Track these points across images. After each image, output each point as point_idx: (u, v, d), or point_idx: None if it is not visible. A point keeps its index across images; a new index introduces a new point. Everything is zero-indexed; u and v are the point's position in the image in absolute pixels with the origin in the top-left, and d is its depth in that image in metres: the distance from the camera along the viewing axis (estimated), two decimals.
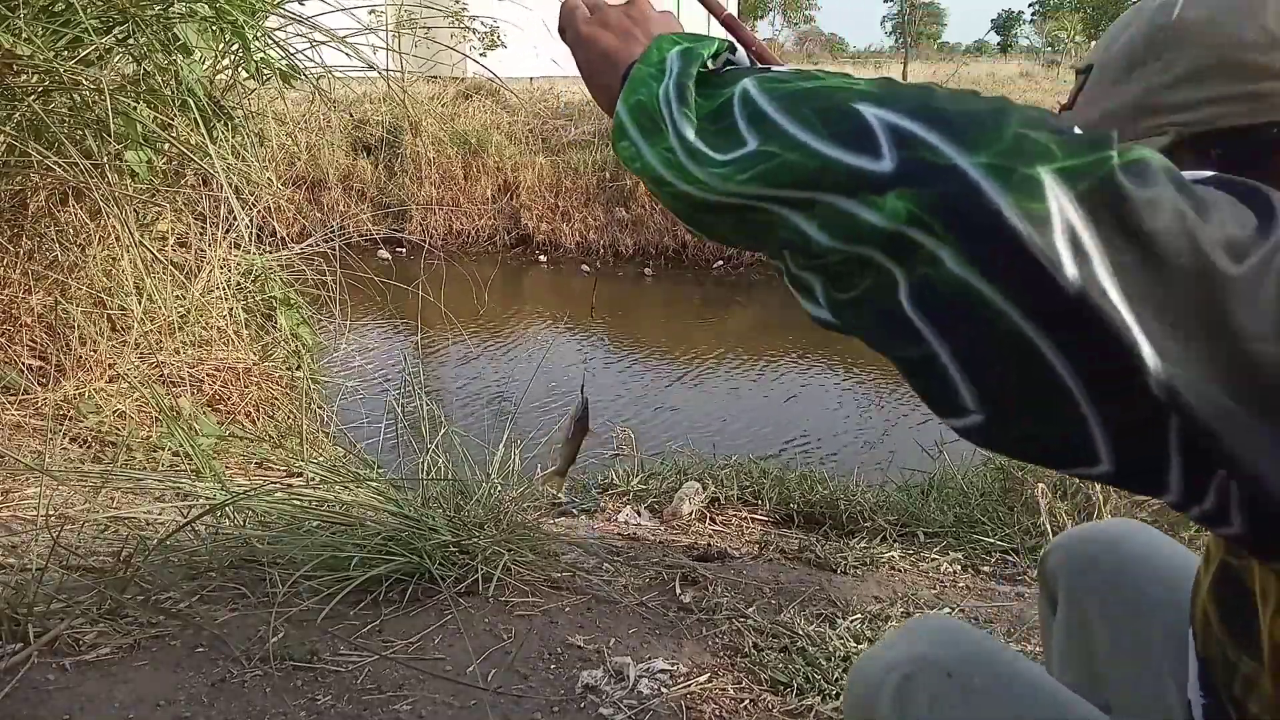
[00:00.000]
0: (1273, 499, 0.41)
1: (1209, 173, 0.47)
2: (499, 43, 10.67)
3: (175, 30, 2.86)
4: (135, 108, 2.92)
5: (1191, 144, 0.58)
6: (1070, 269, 0.41)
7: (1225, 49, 0.56)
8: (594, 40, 0.67)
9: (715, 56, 0.62)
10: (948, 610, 2.25)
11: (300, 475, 3.05)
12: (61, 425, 2.95)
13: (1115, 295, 0.41)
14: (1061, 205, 0.42)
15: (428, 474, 2.65)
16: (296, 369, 3.81)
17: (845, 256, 0.48)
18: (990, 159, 0.43)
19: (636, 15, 0.69)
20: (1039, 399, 0.43)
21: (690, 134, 0.52)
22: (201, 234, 3.61)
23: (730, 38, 0.66)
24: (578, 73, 0.70)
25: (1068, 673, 1.05)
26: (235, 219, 3.39)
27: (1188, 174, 0.45)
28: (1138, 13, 0.64)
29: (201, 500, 2.59)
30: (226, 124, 3.19)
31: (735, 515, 3.05)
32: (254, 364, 3.58)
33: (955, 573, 2.54)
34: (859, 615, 2.13)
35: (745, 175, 0.49)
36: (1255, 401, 0.41)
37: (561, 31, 0.71)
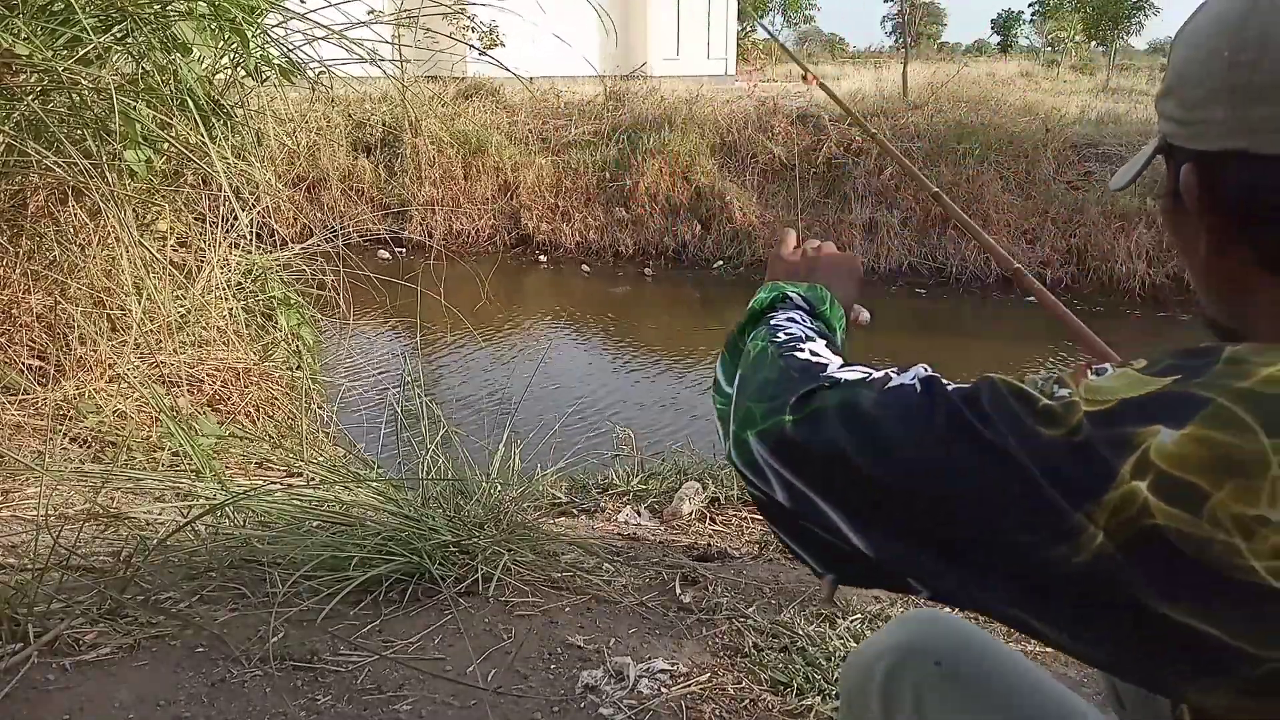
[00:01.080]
0: (970, 603, 0.56)
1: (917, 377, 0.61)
2: (498, 41, 10.67)
3: (174, 29, 2.86)
4: (134, 107, 2.91)
5: (1168, 153, 0.65)
6: (780, 494, 0.62)
7: (1178, 71, 0.63)
8: (773, 266, 1.02)
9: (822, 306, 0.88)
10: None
11: (300, 475, 3.05)
12: (61, 425, 2.95)
13: (821, 503, 0.59)
14: (762, 455, 0.62)
15: (427, 474, 2.65)
16: (296, 369, 3.81)
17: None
18: (735, 429, 0.66)
19: (809, 262, 0.98)
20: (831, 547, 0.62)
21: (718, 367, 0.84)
22: (201, 234, 3.61)
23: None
24: (578, 72, 0.82)
25: None
26: (235, 219, 3.39)
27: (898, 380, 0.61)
28: (1197, 28, 0.67)
29: (201, 500, 2.58)
30: (226, 123, 3.19)
31: (735, 515, 3.05)
32: (254, 364, 3.58)
33: None
34: (859, 615, 2.13)
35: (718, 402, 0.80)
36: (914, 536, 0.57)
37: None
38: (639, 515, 3.03)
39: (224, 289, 3.59)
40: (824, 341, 0.75)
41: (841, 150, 11.23)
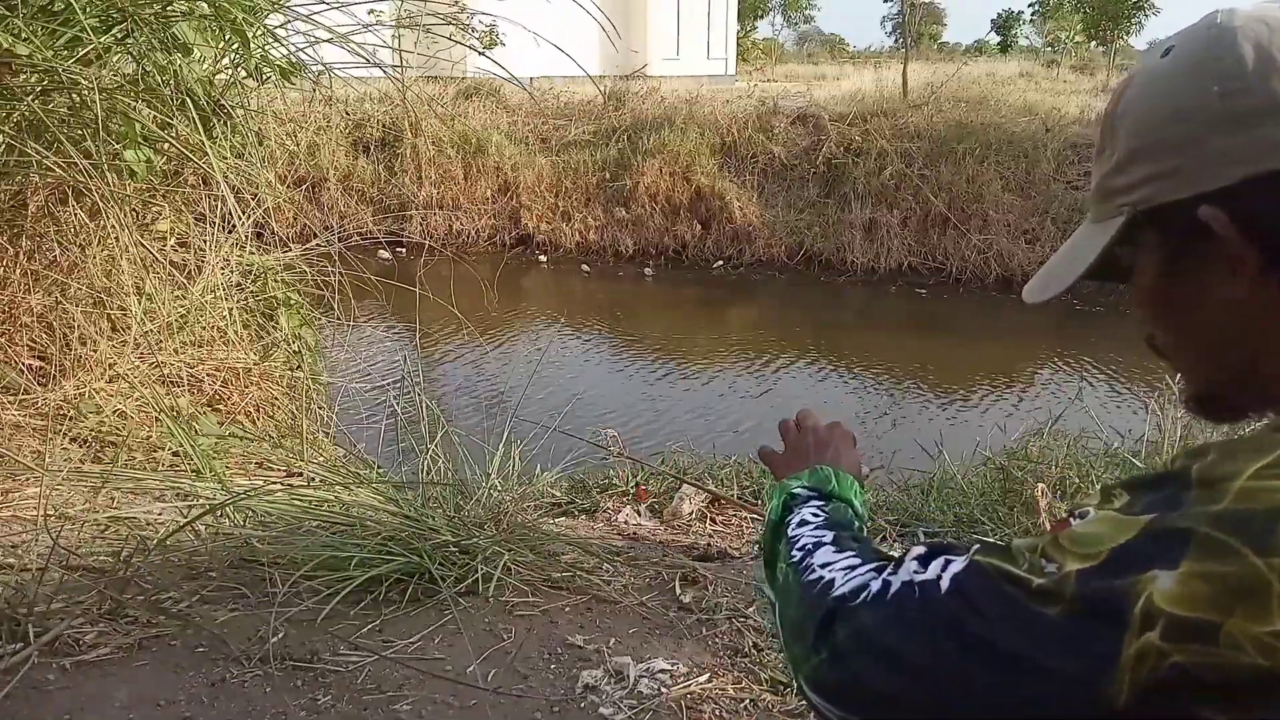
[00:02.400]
0: None
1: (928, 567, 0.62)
2: (498, 41, 10.66)
3: (174, 29, 2.86)
4: (134, 107, 2.91)
5: (1146, 222, 0.64)
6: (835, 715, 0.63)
7: (1144, 132, 0.63)
8: (773, 464, 0.97)
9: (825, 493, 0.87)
10: None
11: (300, 475, 3.05)
12: (61, 425, 2.94)
13: None
14: (813, 698, 0.64)
15: (428, 474, 2.65)
16: (296, 369, 3.81)
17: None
18: (794, 673, 0.69)
19: (802, 449, 0.95)
20: None
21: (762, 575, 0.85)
22: (201, 234, 3.61)
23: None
24: (578, 72, 0.81)
25: None
26: (235, 219, 3.39)
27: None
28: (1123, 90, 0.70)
29: (201, 500, 2.58)
30: (226, 123, 3.19)
31: (735, 515, 3.04)
32: (254, 364, 3.58)
33: None
34: None
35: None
36: None
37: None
38: (639, 515, 3.03)
39: (224, 289, 3.58)
40: (832, 534, 0.77)
41: (841, 150, 11.24)
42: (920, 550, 0.63)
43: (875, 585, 0.64)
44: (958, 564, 0.60)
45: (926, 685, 0.57)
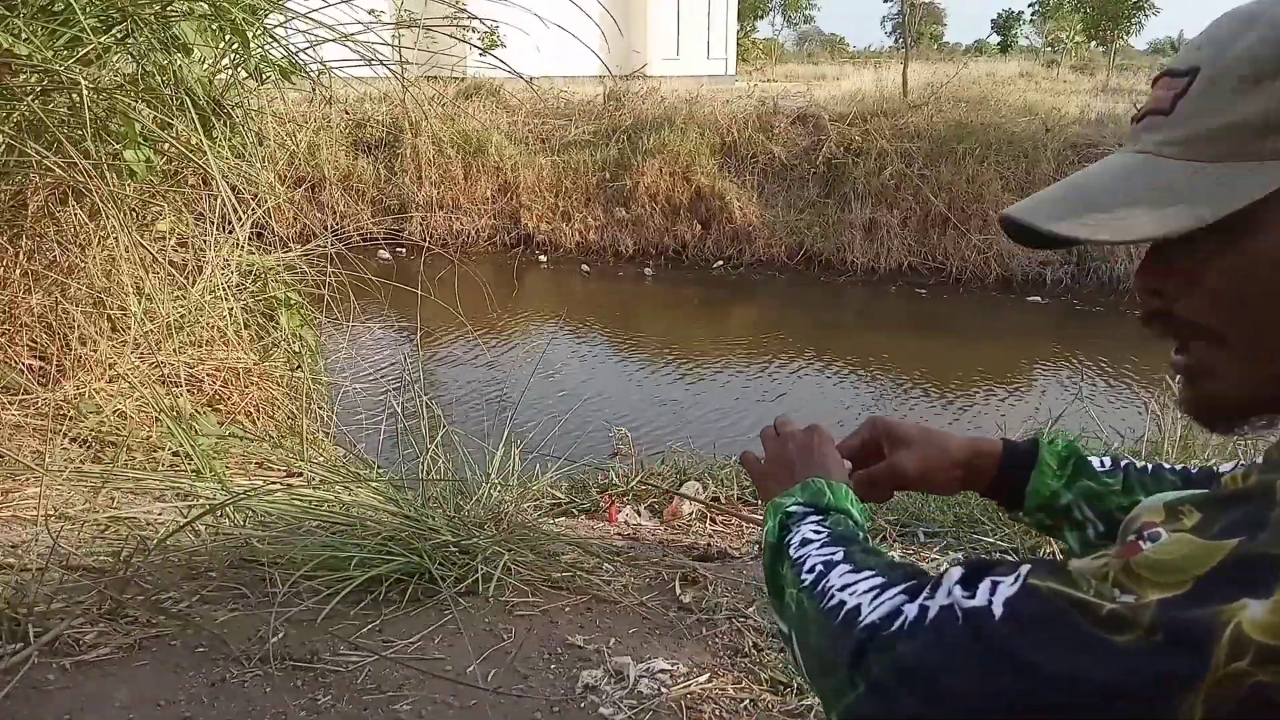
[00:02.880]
0: None
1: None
2: (499, 43, 10.65)
3: (174, 29, 2.86)
4: (134, 107, 2.91)
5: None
6: None
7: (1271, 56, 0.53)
8: (761, 484, 0.94)
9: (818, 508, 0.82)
10: None
11: (300, 475, 3.05)
12: (61, 425, 2.95)
13: None
14: None
15: (428, 474, 2.65)
16: (296, 369, 3.81)
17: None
18: (827, 710, 0.64)
19: (785, 462, 0.92)
20: None
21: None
22: (201, 234, 3.61)
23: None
24: (578, 72, 0.78)
25: None
26: (235, 219, 3.39)
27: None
28: (1255, 17, 0.57)
29: (201, 500, 2.58)
30: (226, 123, 3.19)
31: (735, 515, 3.04)
32: (254, 364, 3.58)
33: None
34: None
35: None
36: None
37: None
38: (639, 515, 3.03)
39: (224, 289, 3.59)
40: (843, 551, 0.72)
41: (841, 150, 11.24)
42: (960, 571, 0.58)
43: (911, 611, 0.58)
44: (1007, 586, 0.54)
45: (977, 713, 0.52)
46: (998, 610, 0.53)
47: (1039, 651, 0.50)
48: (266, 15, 3.15)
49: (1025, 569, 0.54)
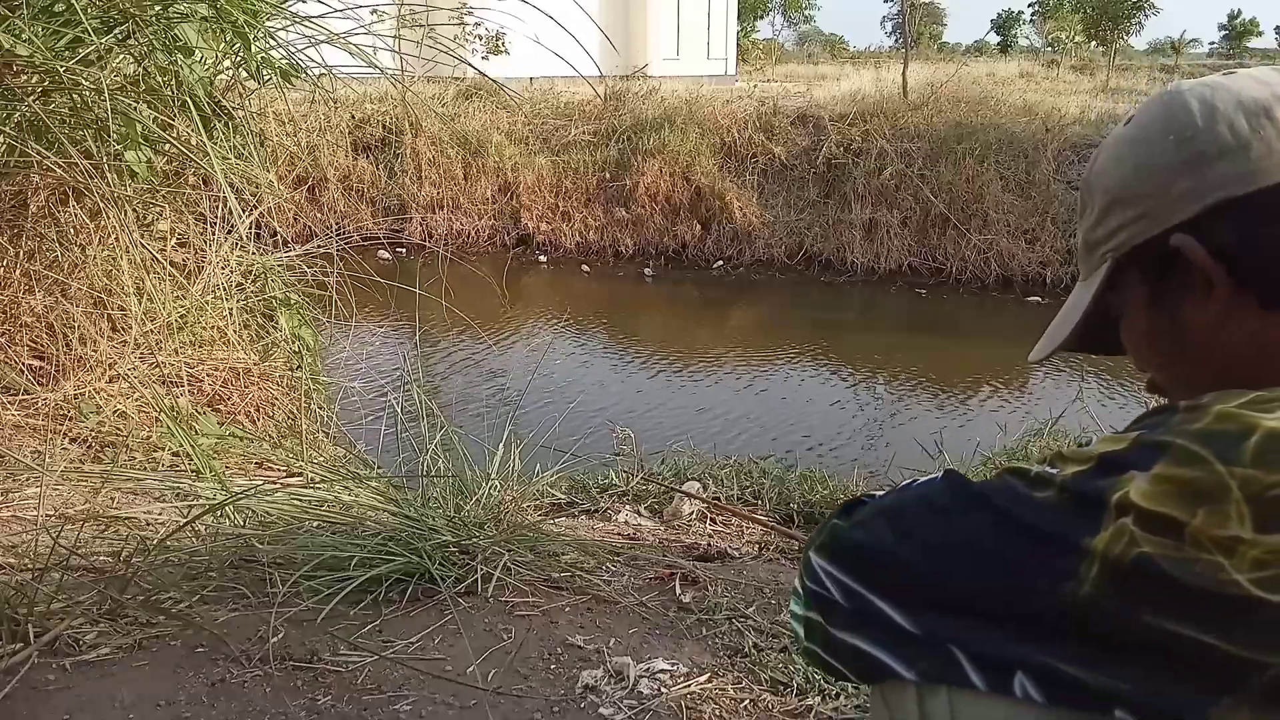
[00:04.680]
0: (1057, 676, 0.59)
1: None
2: (503, 48, 10.65)
3: (176, 30, 2.86)
4: (136, 108, 2.92)
5: (1127, 264, 0.73)
6: (838, 596, 0.70)
7: (1115, 187, 0.73)
8: None
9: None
10: None
11: (300, 475, 3.05)
12: (61, 425, 2.95)
13: (871, 596, 0.67)
14: (821, 566, 0.72)
15: (428, 474, 2.65)
16: (296, 369, 3.81)
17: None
18: (802, 560, 0.75)
19: None
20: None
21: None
22: (202, 234, 3.61)
23: None
24: (578, 72, 0.85)
25: None
26: (236, 219, 3.39)
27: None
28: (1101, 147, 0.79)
29: (201, 500, 2.59)
30: (227, 124, 3.19)
31: (735, 515, 3.04)
32: (254, 364, 3.58)
33: None
34: None
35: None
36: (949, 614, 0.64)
37: None
38: (639, 515, 3.03)
39: (224, 289, 3.59)
40: None
41: (841, 150, 11.24)
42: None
43: (902, 483, 0.74)
44: None
45: (933, 547, 0.65)
46: (969, 481, 0.67)
47: (988, 493, 0.64)
48: (267, 18, 3.15)
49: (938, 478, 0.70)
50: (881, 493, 0.76)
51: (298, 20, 3.21)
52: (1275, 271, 0.65)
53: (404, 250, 10.00)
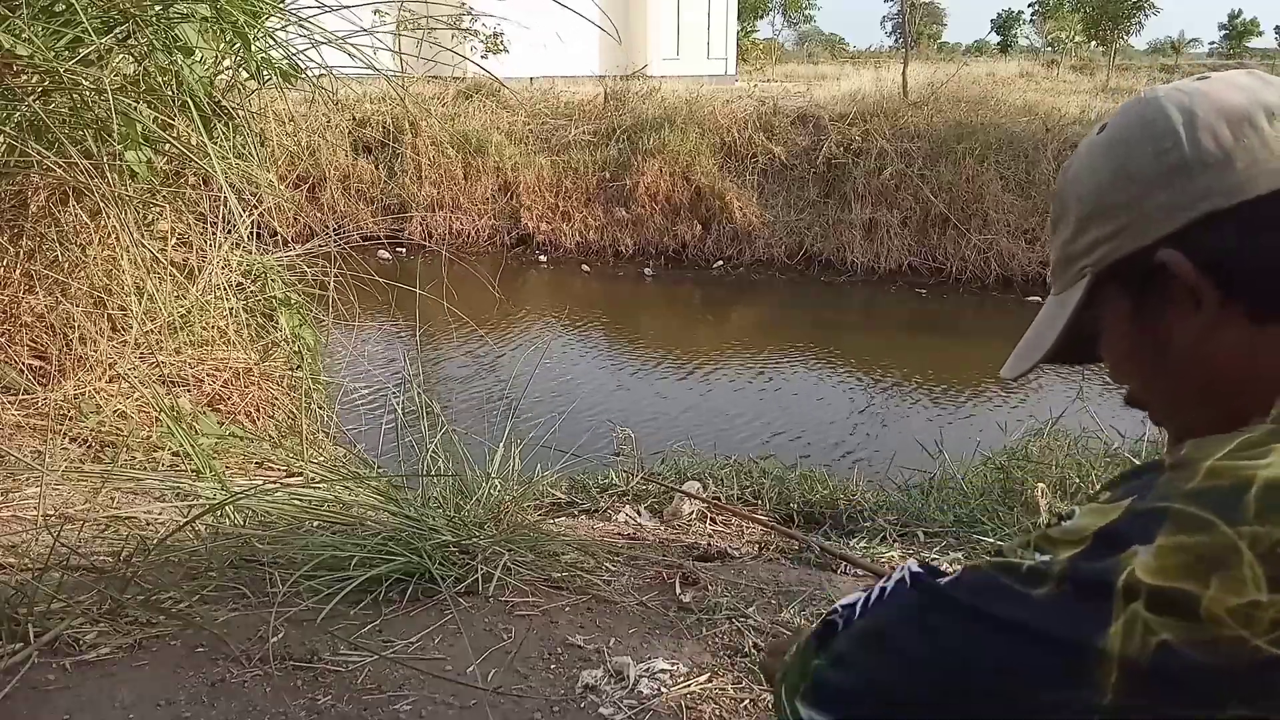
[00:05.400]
0: None
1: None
2: (502, 47, 10.65)
3: (176, 31, 2.86)
4: (136, 108, 2.92)
5: (1107, 278, 0.70)
6: None
7: (1092, 198, 0.70)
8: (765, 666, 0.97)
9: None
10: None
11: (300, 475, 3.05)
12: (61, 425, 2.95)
13: None
14: (809, 714, 0.64)
15: (428, 474, 2.65)
16: (297, 369, 3.81)
17: None
18: (786, 706, 0.67)
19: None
20: None
21: None
22: (202, 234, 3.61)
23: None
24: (578, 72, 0.81)
25: None
26: (236, 219, 3.39)
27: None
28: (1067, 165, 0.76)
29: (201, 500, 2.59)
30: (227, 124, 3.19)
31: (736, 515, 3.04)
32: (254, 364, 3.58)
33: None
34: None
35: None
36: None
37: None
38: (639, 515, 3.03)
39: (225, 289, 3.59)
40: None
41: (841, 150, 11.24)
42: (914, 563, 0.65)
43: (871, 594, 0.66)
44: (950, 572, 0.62)
45: (923, 668, 0.58)
46: (943, 581, 0.61)
47: (976, 599, 0.57)
48: (267, 18, 3.15)
49: (912, 563, 0.64)
50: (852, 601, 0.68)
51: (297, 20, 3.21)
52: (1263, 284, 0.63)
53: (404, 250, 10.00)
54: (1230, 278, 0.64)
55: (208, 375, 3.44)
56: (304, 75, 3.32)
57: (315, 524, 2.30)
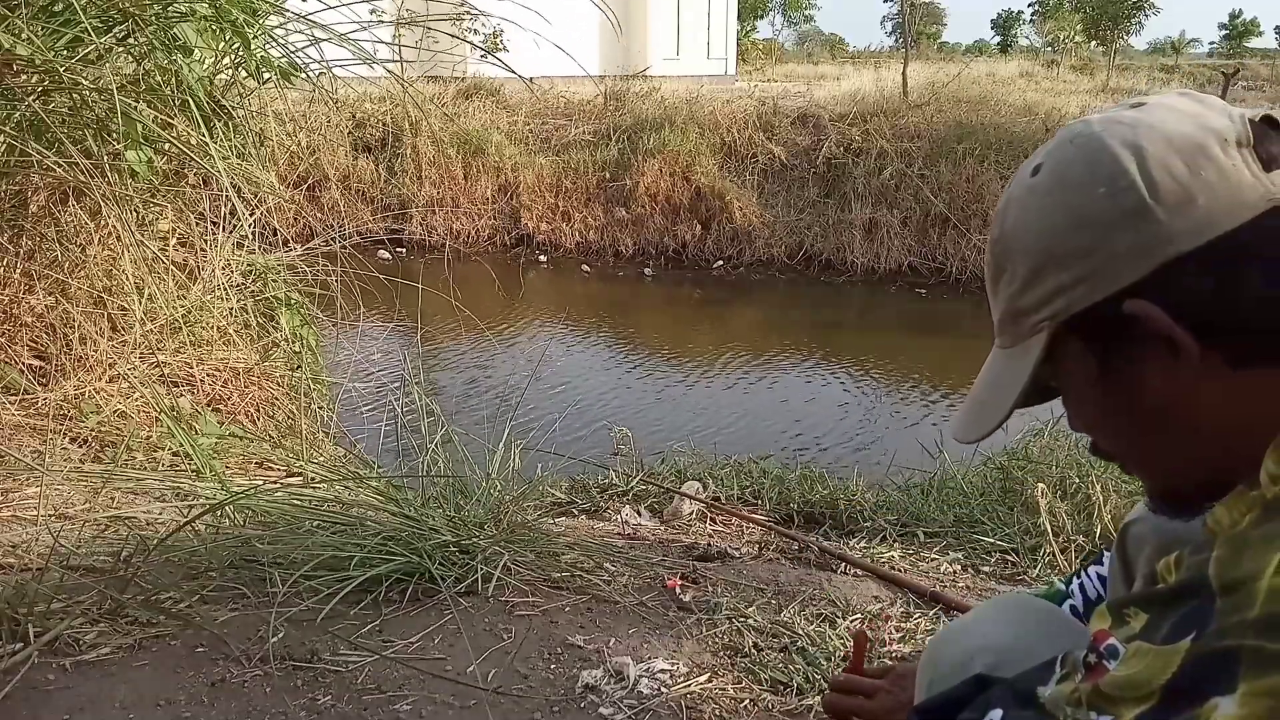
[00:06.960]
0: None
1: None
2: (502, 46, 10.65)
3: (176, 30, 2.86)
4: (135, 107, 2.91)
5: (1068, 332, 0.64)
6: None
7: (1043, 247, 0.64)
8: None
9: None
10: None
11: (300, 475, 3.05)
12: (61, 425, 2.95)
13: None
14: None
15: (427, 474, 2.65)
16: (297, 369, 3.81)
17: None
18: None
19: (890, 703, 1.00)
20: None
21: None
22: (202, 234, 3.61)
23: None
24: (578, 72, 0.79)
25: None
26: (236, 219, 3.39)
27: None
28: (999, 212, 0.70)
29: (201, 500, 2.59)
30: (227, 123, 3.19)
31: (735, 515, 3.04)
32: (255, 364, 3.58)
33: (955, 572, 2.54)
34: (859, 615, 2.13)
35: None
36: None
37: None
38: (639, 515, 3.03)
39: (225, 289, 3.59)
40: None
41: (841, 150, 11.24)
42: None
43: None
44: None
45: None
46: None
47: None
48: (267, 16, 3.15)
49: (997, 714, 0.57)
50: None
51: (296, 19, 3.21)
52: (1242, 328, 0.58)
53: (404, 250, 9.99)
54: (1208, 324, 0.59)
55: (208, 375, 3.44)
56: (303, 74, 3.32)
57: (315, 524, 2.30)
